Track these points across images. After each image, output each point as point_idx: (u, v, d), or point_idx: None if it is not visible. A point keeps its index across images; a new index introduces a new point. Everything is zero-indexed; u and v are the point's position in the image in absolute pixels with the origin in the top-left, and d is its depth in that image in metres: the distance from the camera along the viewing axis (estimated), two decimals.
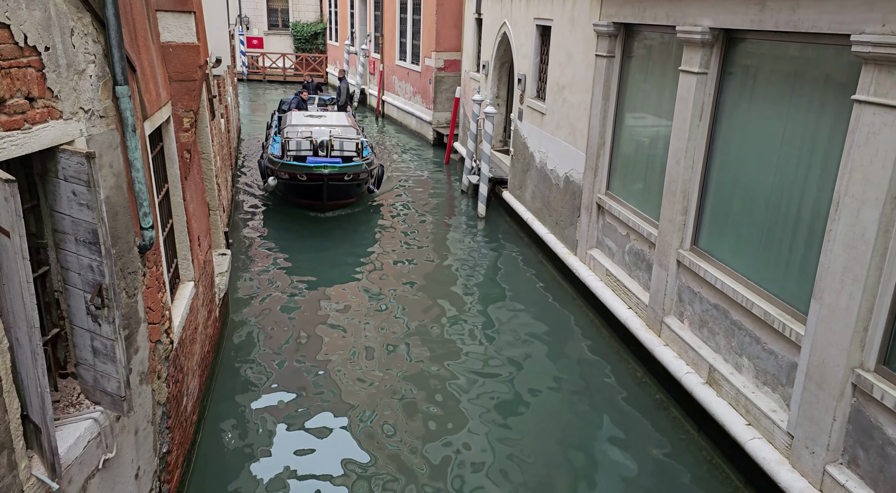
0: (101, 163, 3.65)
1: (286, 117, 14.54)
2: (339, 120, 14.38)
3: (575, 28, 9.35)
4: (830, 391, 4.75)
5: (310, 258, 10.57)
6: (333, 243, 11.18)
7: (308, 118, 14.29)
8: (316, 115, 14.72)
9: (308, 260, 10.50)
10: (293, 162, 11.85)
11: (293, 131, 13.09)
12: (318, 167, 11.46)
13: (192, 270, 5.93)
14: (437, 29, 18.27)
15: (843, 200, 4.59)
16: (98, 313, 3.56)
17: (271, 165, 12.27)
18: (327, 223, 12.15)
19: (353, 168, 11.77)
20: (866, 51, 4.33)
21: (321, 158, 12.08)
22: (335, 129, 13.39)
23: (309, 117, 14.36)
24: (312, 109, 16.87)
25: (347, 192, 12.39)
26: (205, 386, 6.49)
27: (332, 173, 11.50)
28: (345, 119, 14.53)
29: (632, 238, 8.00)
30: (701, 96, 6.38)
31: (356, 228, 12.05)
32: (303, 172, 11.54)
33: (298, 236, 11.54)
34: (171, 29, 5.41)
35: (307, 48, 33.33)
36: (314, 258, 10.56)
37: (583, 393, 7.12)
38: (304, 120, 14.07)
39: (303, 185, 11.77)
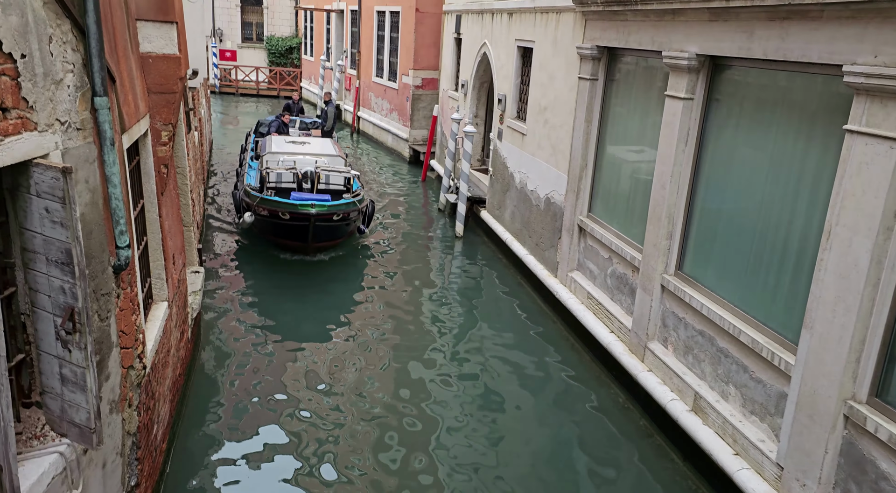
0: (76, 178, 3.43)
1: (265, 142, 12.96)
2: (324, 148, 12.87)
3: (557, 50, 9.37)
4: (822, 423, 4.70)
5: (282, 277, 10.31)
6: (306, 265, 10.91)
7: (290, 145, 12.75)
8: (299, 140, 13.29)
9: (280, 279, 10.23)
10: (274, 198, 10.35)
11: (273, 160, 11.65)
12: (303, 205, 9.92)
13: (166, 289, 5.67)
14: (416, 47, 18.26)
15: (834, 230, 4.58)
16: (69, 338, 3.32)
17: (248, 198, 10.78)
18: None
19: (343, 207, 10.28)
20: (858, 82, 4.35)
21: (306, 194, 10.67)
22: (321, 158, 11.97)
23: (291, 144, 12.85)
24: (294, 132, 15.29)
25: (335, 232, 10.86)
26: (175, 411, 6.20)
27: (319, 213, 9.93)
28: (331, 147, 13.02)
29: (614, 261, 7.96)
30: (687, 121, 6.39)
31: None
32: (286, 209, 10.02)
33: (269, 257, 11.18)
34: (151, 39, 5.21)
35: (281, 62, 33.10)
36: (286, 277, 10.30)
37: (564, 419, 6.99)
38: (285, 147, 12.49)
39: (285, 224, 10.26)
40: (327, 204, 10.10)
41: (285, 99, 30.75)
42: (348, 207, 10.40)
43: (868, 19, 4.29)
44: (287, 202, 10.09)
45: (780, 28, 5.07)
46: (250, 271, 10.41)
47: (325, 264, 10.85)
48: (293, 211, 9.97)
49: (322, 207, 9.97)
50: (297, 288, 9.88)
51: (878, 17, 4.21)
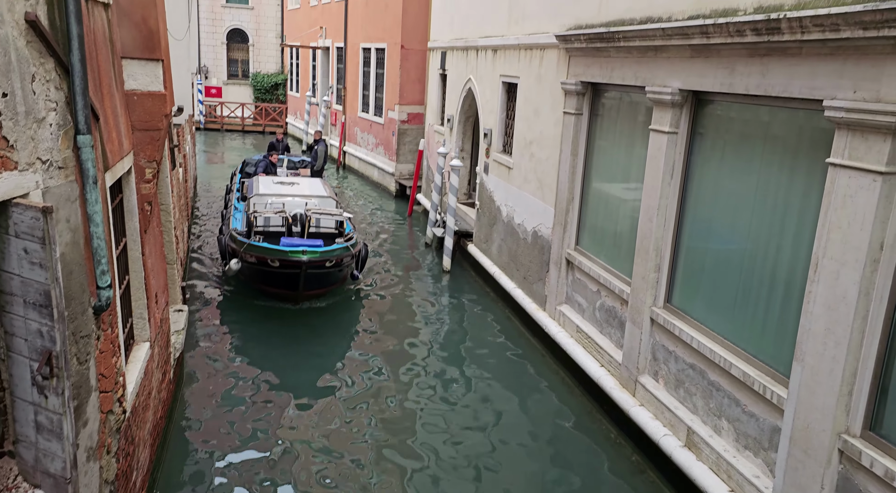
0: (57, 217, 3.36)
1: (252, 183, 12.40)
2: (314, 188, 12.27)
3: (542, 85, 9.49)
4: (817, 458, 4.64)
5: (266, 315, 10.16)
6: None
7: (278, 186, 12.16)
8: (287, 181, 12.67)
9: (265, 317, 10.09)
10: (262, 244, 9.67)
11: (261, 202, 11.11)
12: (294, 252, 9.25)
13: (148, 329, 5.55)
14: (401, 83, 18.46)
15: (822, 262, 4.60)
16: (45, 383, 3.21)
17: (234, 244, 10.12)
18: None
19: (335, 253, 9.65)
20: (839, 116, 4.41)
21: (297, 240, 9.97)
22: (311, 200, 11.45)
23: (279, 185, 12.22)
24: (282, 172, 14.70)
25: (327, 279, 10.16)
26: (155, 456, 6.00)
27: (311, 260, 9.27)
28: (321, 188, 12.45)
29: (603, 294, 7.93)
30: (672, 155, 6.44)
31: None
32: (275, 257, 9.36)
33: (254, 295, 10.96)
34: (136, 77, 5.20)
35: (267, 98, 33.31)
36: (271, 315, 10.16)
37: (554, 455, 6.86)
38: (273, 188, 11.94)
39: (274, 272, 9.59)
40: (319, 250, 9.43)
41: (270, 134, 30.91)
42: (341, 252, 9.79)
43: (846, 55, 4.38)
44: (276, 249, 9.41)
45: (761, 64, 5.16)
46: (234, 313, 10.25)
47: (311, 302, 10.61)
48: (283, 258, 9.31)
49: (314, 254, 9.30)
50: (284, 328, 9.73)
51: (856, 53, 4.30)
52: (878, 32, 4.05)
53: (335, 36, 24.26)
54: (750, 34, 5.09)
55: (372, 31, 20.35)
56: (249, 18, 33.27)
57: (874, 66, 4.19)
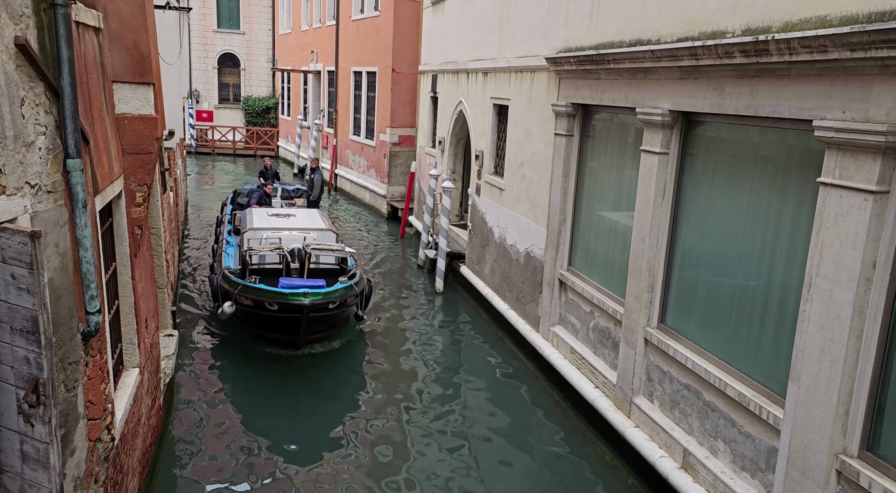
0: (46, 242, 3.31)
1: (244, 216, 11.50)
2: (312, 221, 11.35)
3: (533, 107, 9.56)
4: (814, 479, 4.60)
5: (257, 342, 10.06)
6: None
7: (273, 218, 11.20)
8: (282, 213, 11.72)
9: (256, 343, 9.99)
10: (259, 285, 8.80)
11: (255, 237, 10.20)
12: (294, 294, 8.40)
13: (137, 355, 5.46)
14: (392, 106, 18.57)
15: (815, 281, 4.60)
16: (31, 411, 3.14)
17: (227, 285, 9.26)
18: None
19: (340, 293, 8.85)
20: (829, 136, 4.45)
21: (297, 280, 9.09)
22: (310, 233, 10.55)
23: (275, 217, 11.28)
24: (276, 202, 13.85)
25: (330, 322, 9.35)
26: (145, 484, 5.88)
27: (314, 303, 8.41)
28: (320, 220, 11.51)
29: (596, 315, 7.91)
30: (663, 175, 6.48)
31: None
32: (273, 300, 8.52)
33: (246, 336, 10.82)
34: (127, 100, 5.18)
35: (258, 122, 33.40)
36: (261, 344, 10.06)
37: (549, 479, 6.77)
38: (268, 221, 11.05)
39: (272, 316, 8.75)
40: (322, 291, 8.58)
41: (261, 158, 30.88)
42: (346, 292, 8.97)
43: (835, 76, 4.43)
44: (275, 291, 8.58)
45: (750, 85, 5.21)
46: (223, 332, 10.15)
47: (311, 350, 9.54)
48: (282, 301, 8.45)
49: (316, 296, 8.45)
50: (274, 353, 9.61)
51: (845, 74, 4.35)
52: (865, 53, 4.10)
53: (326, 60, 24.44)
54: (738, 56, 5.15)
55: (363, 54, 20.52)
56: (241, 43, 33.48)
57: (862, 87, 4.24)
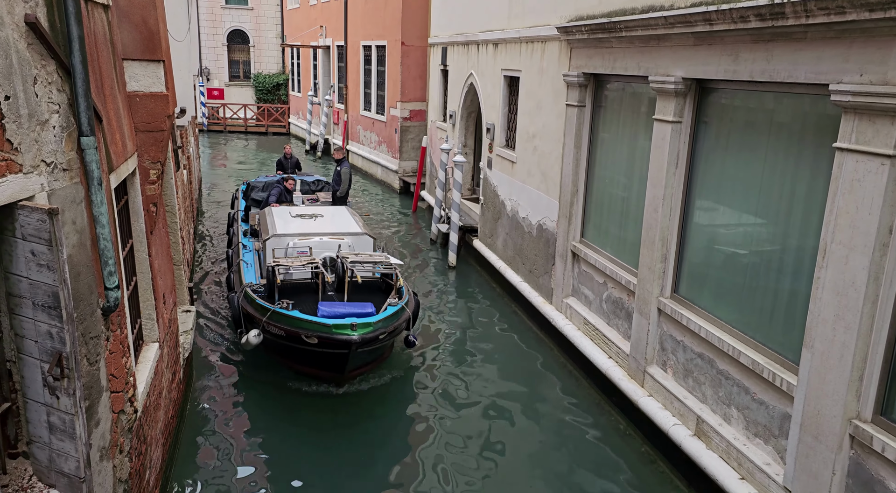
0: (63, 219, 3.37)
1: (263, 218, 9.69)
2: (343, 222, 9.51)
3: (544, 78, 9.46)
4: (828, 444, 4.62)
5: None
6: None
7: (298, 221, 9.46)
8: (308, 213, 9.91)
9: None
10: (293, 313, 7.12)
11: (279, 245, 8.51)
12: (340, 327, 6.77)
13: (156, 330, 5.57)
14: (402, 80, 18.44)
15: (830, 248, 4.57)
16: (56, 384, 3.22)
17: (252, 309, 7.65)
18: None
19: (392, 320, 7.30)
20: (845, 100, 4.38)
21: (339, 305, 7.28)
22: (344, 239, 8.79)
23: (299, 219, 9.54)
24: (297, 199, 11.97)
25: (378, 351, 7.81)
26: (168, 455, 6.03)
27: (364, 337, 6.79)
28: (351, 220, 9.64)
29: (609, 286, 7.92)
30: (676, 144, 6.41)
31: None
32: (313, 332, 6.91)
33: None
34: (138, 78, 5.20)
35: (269, 99, 33.34)
36: None
37: (563, 448, 6.86)
38: (292, 224, 9.28)
39: (311, 351, 7.20)
40: (372, 321, 6.95)
41: (273, 135, 30.86)
42: (398, 318, 7.42)
43: (852, 39, 4.34)
44: (315, 322, 6.91)
45: (765, 50, 5.12)
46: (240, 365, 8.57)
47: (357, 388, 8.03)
48: (326, 335, 6.82)
49: (366, 328, 6.83)
50: None
51: (863, 36, 4.26)
52: (884, 13, 4.01)
53: (335, 34, 24.24)
54: (754, 20, 5.06)
55: (372, 28, 20.33)
56: (249, 19, 33.27)
57: (880, 49, 4.16)
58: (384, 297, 7.97)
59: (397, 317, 7.43)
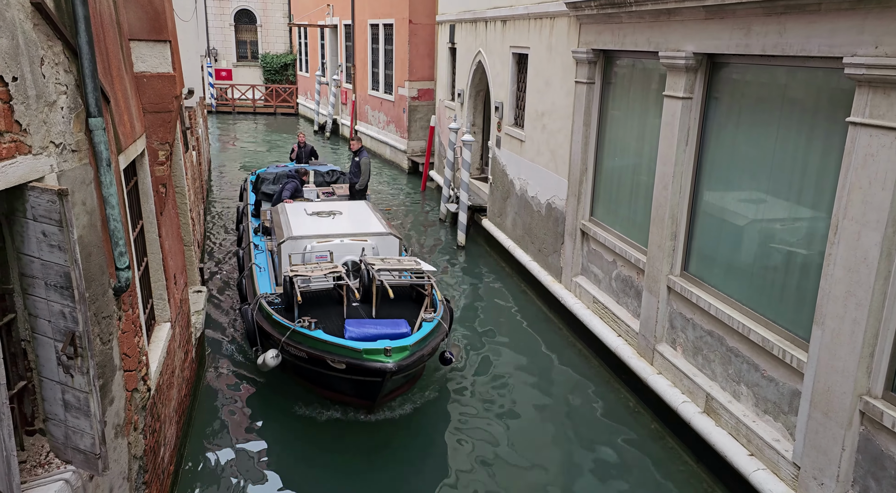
0: (73, 200, 3.39)
1: (277, 216, 8.82)
2: (365, 220, 8.71)
3: (553, 55, 9.35)
4: (838, 420, 4.62)
5: None
6: None
7: (315, 219, 8.61)
8: (325, 210, 9.01)
9: None
10: (316, 334, 6.31)
11: (296, 249, 7.69)
12: (372, 352, 5.98)
13: (168, 310, 5.62)
14: (410, 59, 18.30)
15: (842, 224, 4.53)
16: (70, 363, 3.27)
17: (269, 325, 6.88)
18: None
19: (429, 339, 6.52)
20: (860, 73, 4.31)
21: (368, 325, 6.50)
22: (367, 240, 7.98)
23: (316, 217, 8.69)
24: (310, 192, 11.13)
25: (413, 374, 6.94)
26: (182, 433, 6.13)
27: (401, 364, 5.99)
28: (373, 218, 8.81)
29: (619, 264, 7.90)
30: (686, 121, 6.35)
31: None
32: (342, 358, 6.12)
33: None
34: (145, 58, 5.19)
35: (277, 79, 33.21)
36: None
37: (573, 425, 6.90)
38: (308, 223, 8.40)
39: (339, 377, 6.43)
40: (408, 343, 6.14)
41: (282, 116, 30.77)
42: (435, 335, 6.66)
43: (867, 10, 4.25)
44: (343, 346, 6.12)
45: (778, 23, 5.03)
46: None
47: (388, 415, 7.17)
48: (357, 362, 6.01)
49: (402, 352, 6.04)
50: None
51: (878, 7, 4.17)
52: None
53: (342, 13, 24.04)
54: None
55: (379, 6, 20.13)
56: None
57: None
58: (415, 306, 7.22)
59: (434, 335, 6.63)
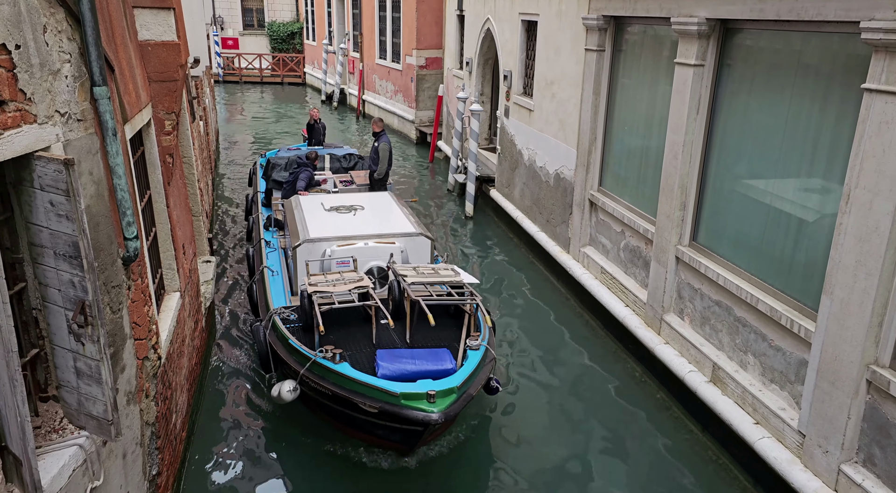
0: (80, 170, 3.39)
1: (291, 212, 7.81)
2: (391, 217, 7.62)
3: (563, 22, 9.19)
4: (844, 389, 4.63)
5: None
6: None
7: (334, 216, 7.55)
8: (345, 204, 7.88)
9: None
10: (343, 369, 5.24)
11: (314, 254, 6.68)
12: (412, 399, 4.89)
13: (177, 280, 5.66)
14: (418, 26, 18.04)
15: (854, 193, 4.47)
16: (81, 331, 3.30)
17: (285, 352, 5.90)
18: None
19: (478, 373, 5.44)
20: (877, 38, 4.21)
21: (405, 358, 5.40)
22: (396, 241, 6.92)
23: (335, 214, 7.60)
24: (327, 182, 10.00)
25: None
26: (193, 401, 6.22)
27: (448, 413, 4.87)
28: (401, 214, 7.71)
29: (627, 235, 7.86)
30: (698, 89, 6.24)
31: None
32: (374, 402, 5.04)
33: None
34: (149, 26, 5.14)
35: (284, 48, 32.89)
36: None
37: (579, 395, 6.96)
38: (327, 221, 7.34)
39: (370, 420, 5.40)
40: (456, 383, 5.03)
41: (288, 85, 30.53)
42: (484, 366, 5.59)
43: None
44: (377, 388, 5.03)
45: None
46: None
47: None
48: (393, 409, 4.92)
49: (448, 397, 4.93)
50: None
51: None
52: None
53: None
54: None
55: None
56: None
57: None
58: (453, 325, 6.20)
59: (483, 366, 5.53)
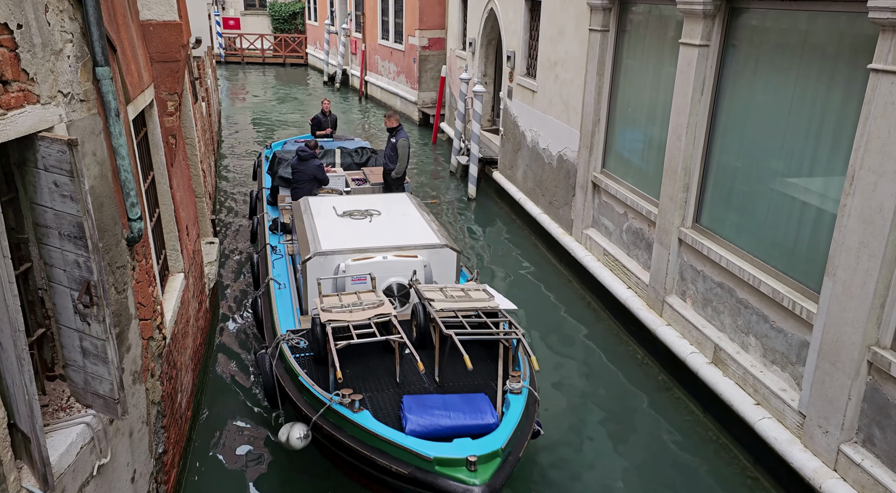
0: (83, 150, 3.40)
1: (300, 218, 7.00)
2: (410, 222, 6.93)
3: (566, 2, 9.10)
4: (845, 370, 4.65)
5: None
6: None
7: (348, 223, 6.83)
8: (360, 210, 7.12)
9: None
10: (360, 419, 4.47)
11: (326, 269, 5.99)
12: (449, 465, 4.10)
13: (181, 261, 5.69)
14: (421, 6, 17.88)
15: (858, 174, 4.46)
16: (87, 311, 3.33)
17: (293, 389, 5.12)
18: None
19: (524, 424, 4.63)
20: (884, 17, 4.17)
21: (436, 408, 4.58)
22: (418, 254, 6.18)
23: (348, 221, 6.88)
24: (337, 180, 9.02)
25: None
26: (198, 380, 6.28)
27: (494, 484, 4.03)
28: (420, 218, 7.03)
29: (630, 217, 7.86)
30: (702, 70, 6.20)
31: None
32: (401, 467, 4.21)
33: None
34: (150, 6, 5.11)
35: (286, 28, 32.66)
36: None
37: (581, 376, 7.00)
38: (341, 231, 6.59)
39: (396, 483, 4.49)
40: (500, 446, 4.22)
41: (291, 67, 30.32)
42: (529, 413, 4.80)
43: None
44: (405, 448, 4.23)
45: None
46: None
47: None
48: (426, 478, 4.13)
49: (493, 463, 4.14)
50: None
51: None
52: None
53: None
54: None
55: None
56: None
57: None
58: (486, 354, 5.41)
59: (528, 413, 4.76)
